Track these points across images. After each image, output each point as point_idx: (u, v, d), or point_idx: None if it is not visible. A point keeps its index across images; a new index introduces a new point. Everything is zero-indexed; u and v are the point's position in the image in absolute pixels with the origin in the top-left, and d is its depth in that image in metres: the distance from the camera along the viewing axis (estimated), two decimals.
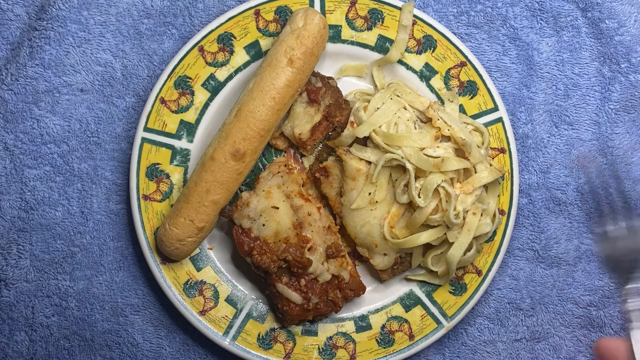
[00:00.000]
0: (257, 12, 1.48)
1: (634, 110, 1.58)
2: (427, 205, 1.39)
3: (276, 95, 1.41)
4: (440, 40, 1.50)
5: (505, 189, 1.50)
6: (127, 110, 1.55)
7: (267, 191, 1.42)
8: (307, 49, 1.41)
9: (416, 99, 1.45)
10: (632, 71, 1.56)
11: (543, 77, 1.57)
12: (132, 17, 1.53)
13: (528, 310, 1.58)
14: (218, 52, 1.48)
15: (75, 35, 1.52)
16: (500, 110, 1.51)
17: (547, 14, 1.56)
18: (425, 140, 1.40)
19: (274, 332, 1.50)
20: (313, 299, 1.42)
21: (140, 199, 1.47)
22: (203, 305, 1.49)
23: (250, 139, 1.41)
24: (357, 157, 1.44)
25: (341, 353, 1.50)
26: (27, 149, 1.53)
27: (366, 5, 1.49)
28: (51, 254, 1.54)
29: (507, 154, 1.50)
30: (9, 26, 1.52)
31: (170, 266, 1.49)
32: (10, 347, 1.54)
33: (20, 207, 1.53)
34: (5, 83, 1.52)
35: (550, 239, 1.58)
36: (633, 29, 1.56)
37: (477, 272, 1.51)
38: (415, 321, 1.51)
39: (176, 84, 1.48)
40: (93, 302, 1.54)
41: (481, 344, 1.58)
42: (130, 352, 1.55)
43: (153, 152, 1.48)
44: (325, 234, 1.44)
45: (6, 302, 1.53)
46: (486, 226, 1.43)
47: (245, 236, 1.41)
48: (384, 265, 1.47)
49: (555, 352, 1.59)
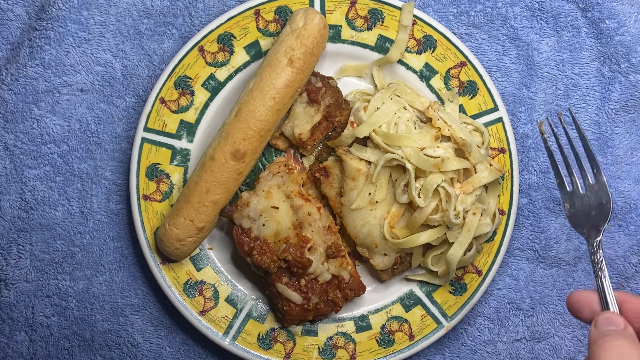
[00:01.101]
0: (257, 12, 1.48)
1: (634, 110, 1.58)
2: (427, 205, 1.39)
3: (276, 95, 1.41)
4: (440, 40, 1.50)
5: (505, 189, 1.50)
6: (127, 110, 1.55)
7: (267, 191, 1.42)
8: (307, 49, 1.41)
9: (416, 99, 1.45)
10: (632, 71, 1.56)
11: (543, 77, 1.57)
12: (132, 17, 1.53)
13: (528, 310, 1.58)
14: (218, 52, 1.48)
15: (75, 35, 1.52)
16: (500, 110, 1.51)
17: (547, 14, 1.56)
18: (425, 140, 1.40)
19: (274, 332, 1.50)
20: (313, 299, 1.42)
21: (140, 199, 1.47)
22: (203, 305, 1.49)
23: (250, 139, 1.41)
24: (357, 157, 1.44)
25: (341, 353, 1.50)
26: (27, 149, 1.53)
27: (366, 5, 1.49)
28: (51, 254, 1.54)
29: (507, 154, 1.50)
30: (9, 26, 1.52)
31: (170, 266, 1.49)
32: (10, 347, 1.54)
33: (20, 207, 1.53)
34: (5, 83, 1.52)
35: (550, 239, 1.58)
36: (633, 29, 1.56)
37: (477, 272, 1.51)
38: (415, 321, 1.51)
39: (176, 84, 1.48)
40: (93, 302, 1.55)
41: (481, 344, 1.58)
42: (130, 352, 1.55)
43: (153, 152, 1.48)
44: (325, 234, 1.44)
45: (6, 302, 1.53)
46: (486, 226, 1.43)
47: (245, 236, 1.41)
48: (384, 265, 1.47)
49: (555, 352, 1.59)
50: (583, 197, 1.25)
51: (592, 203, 1.24)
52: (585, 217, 1.23)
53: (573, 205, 1.26)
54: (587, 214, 1.23)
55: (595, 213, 1.23)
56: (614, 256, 1.59)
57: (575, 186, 1.27)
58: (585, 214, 1.24)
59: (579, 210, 1.25)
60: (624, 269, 1.59)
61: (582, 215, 1.24)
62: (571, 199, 1.26)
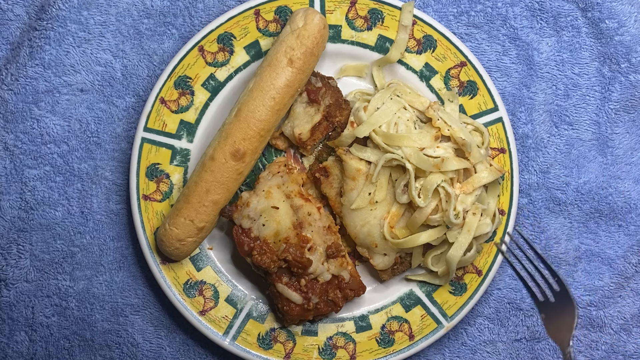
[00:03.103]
0: (257, 12, 1.48)
1: (634, 110, 1.58)
2: (427, 205, 1.39)
3: (276, 95, 1.41)
4: (440, 40, 1.50)
5: (505, 189, 1.50)
6: (127, 110, 1.55)
7: (267, 191, 1.42)
8: (307, 49, 1.41)
9: (416, 99, 1.45)
10: (632, 71, 1.56)
11: (543, 77, 1.57)
12: (132, 17, 1.53)
13: (528, 310, 1.58)
14: (218, 52, 1.48)
15: (75, 35, 1.52)
16: (500, 110, 1.51)
17: (547, 14, 1.56)
18: (425, 140, 1.40)
19: (274, 332, 1.50)
20: (313, 299, 1.42)
21: (140, 199, 1.47)
22: (203, 305, 1.49)
23: (250, 139, 1.41)
24: (357, 157, 1.44)
25: (341, 353, 1.50)
26: (27, 149, 1.53)
27: (366, 5, 1.49)
28: (51, 254, 1.54)
29: (507, 154, 1.50)
30: (9, 26, 1.52)
31: (170, 266, 1.49)
32: (10, 347, 1.54)
33: (20, 207, 1.53)
34: (5, 83, 1.52)
35: (550, 239, 1.58)
36: (633, 29, 1.56)
37: (477, 272, 1.51)
38: (415, 321, 1.51)
39: (176, 84, 1.48)
40: (93, 302, 1.55)
41: (481, 344, 1.58)
42: (130, 352, 1.55)
43: (153, 152, 1.48)
44: (325, 234, 1.44)
45: (6, 302, 1.53)
46: (486, 226, 1.43)
47: (245, 236, 1.41)
48: (384, 265, 1.47)
49: (555, 352, 1.59)
50: (554, 305, 1.37)
51: (561, 310, 1.35)
52: (558, 325, 1.34)
53: (547, 315, 1.37)
54: (559, 321, 1.34)
55: (564, 319, 1.34)
56: (614, 256, 1.59)
57: (545, 296, 1.39)
58: (558, 322, 1.35)
59: (553, 318, 1.36)
60: (624, 269, 1.59)
61: (555, 322, 1.35)
62: (545, 309, 1.38)
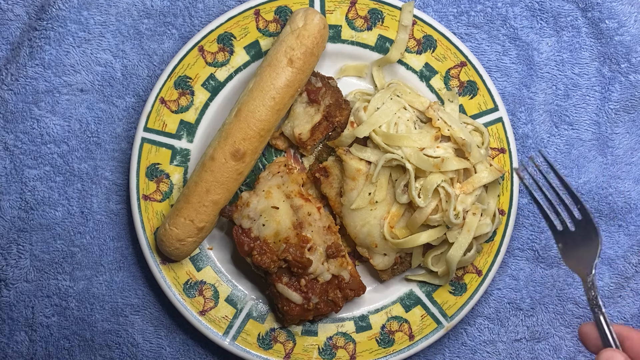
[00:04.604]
0: (257, 12, 1.48)
1: (634, 110, 1.58)
2: (427, 205, 1.39)
3: (276, 95, 1.41)
4: (440, 40, 1.50)
5: (505, 189, 1.50)
6: (127, 110, 1.55)
7: (267, 191, 1.42)
8: (307, 49, 1.41)
9: (416, 99, 1.45)
10: (632, 71, 1.56)
11: (543, 77, 1.57)
12: (132, 17, 1.54)
13: (528, 310, 1.58)
14: (218, 52, 1.48)
15: (75, 35, 1.52)
16: (500, 110, 1.51)
17: (547, 14, 1.56)
18: (425, 140, 1.40)
19: (274, 332, 1.50)
20: (313, 299, 1.42)
21: (140, 199, 1.47)
22: (203, 305, 1.49)
23: (250, 139, 1.41)
24: (357, 157, 1.44)
25: (341, 353, 1.50)
26: (27, 149, 1.53)
27: (366, 5, 1.49)
28: (51, 254, 1.54)
29: (507, 154, 1.50)
30: (9, 26, 1.52)
31: (170, 266, 1.49)
32: (10, 347, 1.54)
33: (20, 207, 1.53)
34: (5, 83, 1.52)
35: (550, 239, 1.58)
36: (633, 29, 1.56)
37: (477, 272, 1.51)
38: (415, 321, 1.51)
39: (176, 84, 1.48)
40: (93, 302, 1.55)
41: (481, 344, 1.58)
42: (130, 352, 1.55)
43: (153, 152, 1.48)
44: (325, 234, 1.44)
45: (6, 302, 1.53)
46: (486, 226, 1.43)
47: (245, 236, 1.41)
48: (384, 265, 1.47)
49: (555, 352, 1.59)
50: (573, 234, 1.27)
51: (582, 239, 1.25)
52: (578, 254, 1.25)
53: (565, 244, 1.27)
54: (579, 251, 1.25)
55: (586, 249, 1.24)
56: (614, 256, 1.59)
57: (564, 225, 1.28)
58: (578, 251, 1.25)
59: (571, 248, 1.26)
60: (624, 269, 1.59)
61: (574, 252, 1.26)
62: (563, 238, 1.28)
